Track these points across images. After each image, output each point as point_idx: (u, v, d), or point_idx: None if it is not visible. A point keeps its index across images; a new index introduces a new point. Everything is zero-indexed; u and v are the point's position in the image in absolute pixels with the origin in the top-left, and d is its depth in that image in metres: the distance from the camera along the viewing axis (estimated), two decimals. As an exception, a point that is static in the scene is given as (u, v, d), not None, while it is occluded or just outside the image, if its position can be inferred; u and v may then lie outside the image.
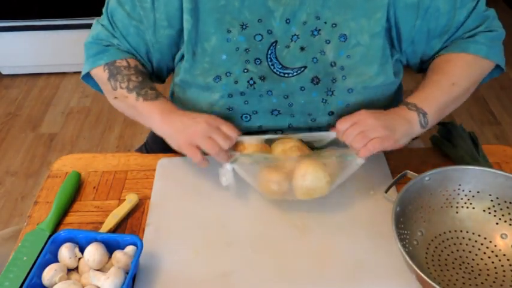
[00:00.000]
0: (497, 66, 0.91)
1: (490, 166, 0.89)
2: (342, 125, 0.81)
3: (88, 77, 0.95)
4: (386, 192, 0.77)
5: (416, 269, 0.64)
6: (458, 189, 0.80)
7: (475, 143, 0.94)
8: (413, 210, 0.77)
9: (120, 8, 0.88)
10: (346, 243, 0.79)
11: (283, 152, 0.82)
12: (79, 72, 0.96)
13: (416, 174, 0.77)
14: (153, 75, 0.98)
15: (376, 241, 0.79)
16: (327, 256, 0.77)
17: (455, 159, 0.92)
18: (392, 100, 0.94)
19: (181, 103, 0.95)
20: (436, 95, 0.84)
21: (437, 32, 0.88)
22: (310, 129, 0.93)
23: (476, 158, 0.90)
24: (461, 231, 0.79)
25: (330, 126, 0.90)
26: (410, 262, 0.65)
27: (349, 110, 0.87)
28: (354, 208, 0.83)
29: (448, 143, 0.95)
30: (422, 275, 0.63)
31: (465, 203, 0.80)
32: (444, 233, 0.79)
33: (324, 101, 0.88)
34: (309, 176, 0.77)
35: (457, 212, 0.80)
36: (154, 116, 0.84)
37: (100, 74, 0.91)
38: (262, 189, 0.81)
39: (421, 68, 0.96)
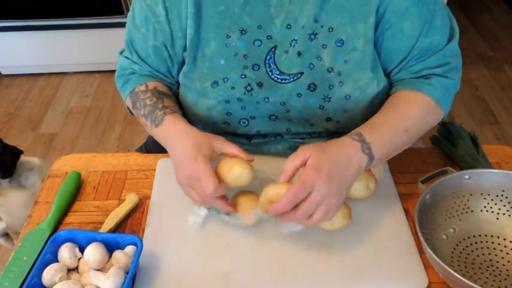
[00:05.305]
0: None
1: (490, 166, 0.89)
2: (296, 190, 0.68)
3: None
4: (422, 183, 0.80)
5: (436, 258, 0.63)
6: (502, 195, 0.78)
7: (475, 143, 0.94)
8: (449, 207, 0.78)
9: (136, 31, 0.89)
10: (346, 243, 0.79)
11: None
12: (79, 72, 0.96)
13: (456, 171, 0.78)
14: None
15: (376, 241, 0.79)
16: (328, 256, 0.77)
17: (455, 159, 0.92)
18: None
19: (184, 105, 0.95)
20: (389, 139, 0.78)
21: (397, 56, 0.84)
22: (309, 134, 0.93)
23: (476, 157, 0.90)
24: (498, 237, 0.78)
25: (327, 132, 0.90)
26: (431, 253, 0.65)
27: (346, 116, 0.87)
28: (354, 208, 0.82)
29: (448, 143, 0.95)
30: (440, 261, 0.62)
31: (507, 210, 0.78)
32: (479, 235, 0.78)
33: (321, 107, 0.87)
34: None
35: (497, 218, 0.79)
36: (164, 143, 0.84)
37: (129, 105, 0.93)
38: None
39: None
